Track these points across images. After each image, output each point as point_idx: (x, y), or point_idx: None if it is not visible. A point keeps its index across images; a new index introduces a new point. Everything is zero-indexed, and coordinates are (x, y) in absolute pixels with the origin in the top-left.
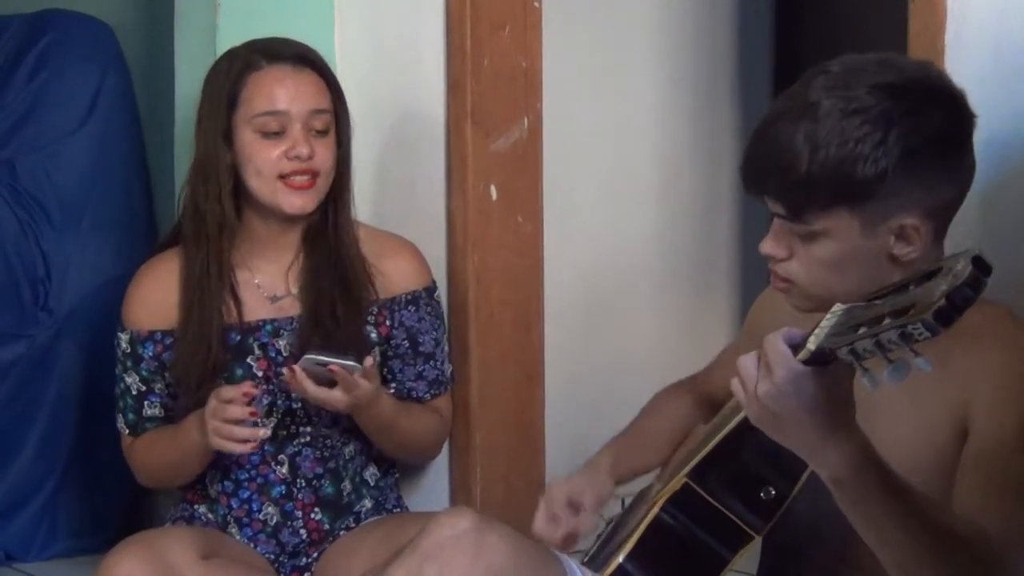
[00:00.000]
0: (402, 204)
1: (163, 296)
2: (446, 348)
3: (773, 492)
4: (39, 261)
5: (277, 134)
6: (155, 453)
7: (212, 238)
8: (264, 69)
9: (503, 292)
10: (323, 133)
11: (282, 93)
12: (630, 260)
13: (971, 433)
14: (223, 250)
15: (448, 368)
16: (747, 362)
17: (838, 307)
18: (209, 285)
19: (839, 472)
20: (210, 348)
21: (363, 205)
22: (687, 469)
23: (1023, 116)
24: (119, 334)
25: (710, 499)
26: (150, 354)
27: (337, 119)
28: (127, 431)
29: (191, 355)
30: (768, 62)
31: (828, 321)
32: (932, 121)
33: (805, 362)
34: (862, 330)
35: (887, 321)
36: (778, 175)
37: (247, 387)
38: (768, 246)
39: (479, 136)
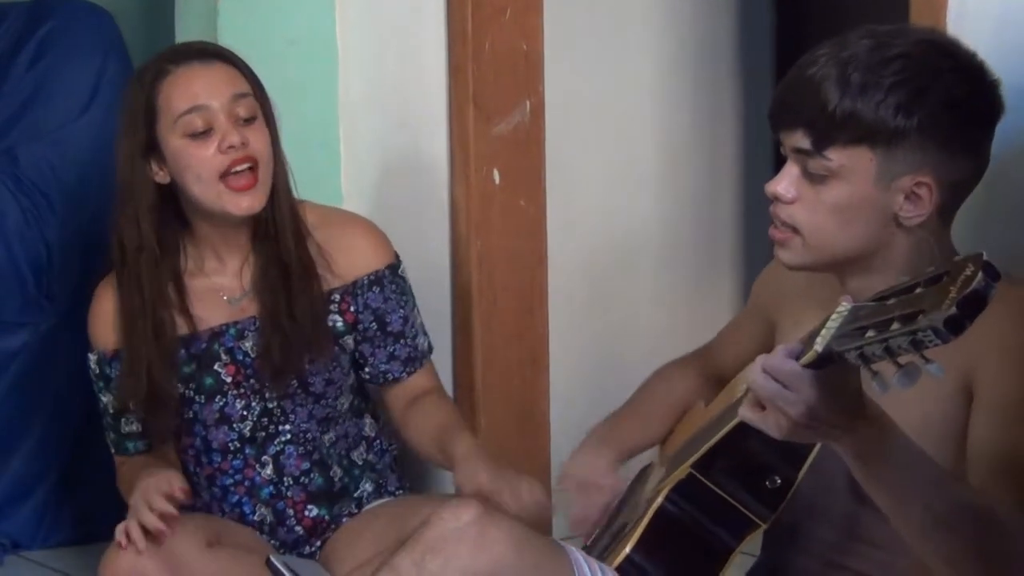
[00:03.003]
0: (404, 189)
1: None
2: (417, 321)
3: (779, 481)
4: (42, 249)
5: (204, 133)
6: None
7: (131, 262)
8: (174, 72)
9: (506, 276)
10: (250, 120)
11: (198, 87)
12: (633, 243)
13: (975, 403)
14: (142, 273)
15: (423, 341)
16: (759, 378)
17: (844, 306)
18: (134, 311)
19: (863, 446)
20: (149, 373)
21: (365, 190)
22: (692, 460)
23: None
24: (89, 355)
25: (716, 489)
26: (116, 374)
27: (261, 105)
28: (113, 449)
29: (126, 382)
30: (770, 45)
31: (834, 321)
32: (970, 89)
33: (812, 364)
34: (870, 333)
35: (895, 326)
36: (812, 103)
37: (180, 492)
38: (779, 185)
39: (481, 120)
